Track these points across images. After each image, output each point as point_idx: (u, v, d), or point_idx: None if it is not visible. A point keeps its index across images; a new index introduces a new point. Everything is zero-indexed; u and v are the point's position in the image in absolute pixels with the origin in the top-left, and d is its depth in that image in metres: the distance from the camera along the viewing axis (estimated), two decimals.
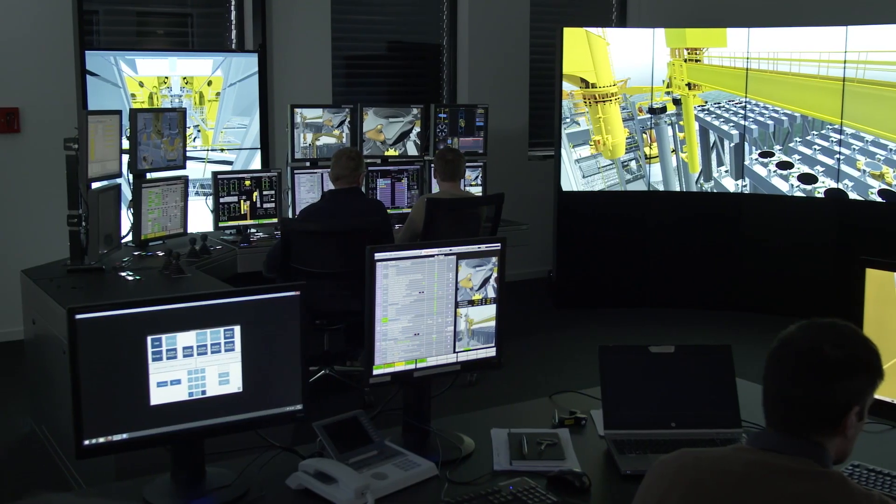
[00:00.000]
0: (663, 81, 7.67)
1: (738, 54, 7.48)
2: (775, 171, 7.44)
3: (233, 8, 7.49)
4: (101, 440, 2.27)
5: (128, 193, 5.84)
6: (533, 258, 8.33)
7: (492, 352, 2.77)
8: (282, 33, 7.51)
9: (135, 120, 5.70)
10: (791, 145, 7.37)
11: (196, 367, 2.35)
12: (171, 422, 2.34)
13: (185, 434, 2.37)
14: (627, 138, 7.73)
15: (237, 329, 2.39)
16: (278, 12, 7.48)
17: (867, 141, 7.01)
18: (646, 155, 7.75)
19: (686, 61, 7.62)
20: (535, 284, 8.33)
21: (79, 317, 2.22)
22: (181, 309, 2.33)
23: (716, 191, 7.67)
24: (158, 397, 2.31)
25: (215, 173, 6.32)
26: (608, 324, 7.33)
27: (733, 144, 7.57)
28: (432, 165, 7.00)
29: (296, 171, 6.62)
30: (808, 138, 7.29)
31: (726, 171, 7.63)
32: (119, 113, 5.60)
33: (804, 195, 7.33)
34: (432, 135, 7.28)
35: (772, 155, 7.46)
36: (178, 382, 2.34)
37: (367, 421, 2.60)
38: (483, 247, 2.68)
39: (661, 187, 7.76)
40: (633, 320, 7.41)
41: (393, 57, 8.46)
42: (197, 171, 6.91)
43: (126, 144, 5.73)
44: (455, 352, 2.70)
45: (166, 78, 6.90)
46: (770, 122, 7.44)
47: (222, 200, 6.25)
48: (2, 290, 6.19)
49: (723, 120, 7.59)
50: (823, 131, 7.22)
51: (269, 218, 6.41)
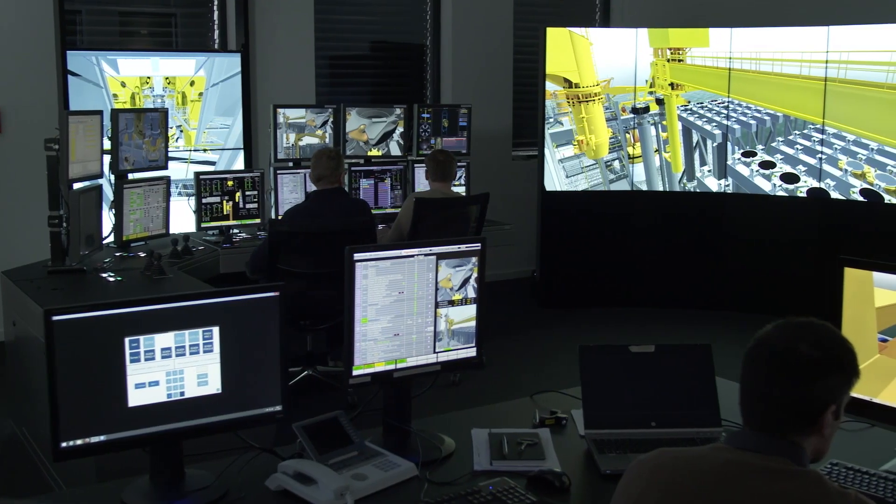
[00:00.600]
0: (646, 81, 7.69)
1: (720, 54, 7.51)
2: (758, 171, 7.46)
3: (215, 8, 7.47)
4: (79, 442, 2.26)
5: (109, 194, 5.82)
6: (517, 258, 8.33)
7: (472, 352, 2.76)
8: (265, 33, 7.49)
9: (116, 120, 5.68)
10: (773, 145, 7.40)
11: (174, 368, 2.34)
12: (149, 423, 2.33)
13: (164, 436, 2.36)
14: (611, 138, 7.74)
15: (216, 330, 2.38)
16: (261, 12, 7.46)
17: (849, 140, 7.04)
18: (629, 155, 7.77)
19: (669, 61, 7.64)
20: (518, 284, 8.34)
21: (56, 318, 2.20)
22: (159, 310, 2.32)
23: (699, 190, 7.69)
24: (136, 399, 2.30)
25: (197, 174, 6.30)
26: (592, 323, 7.35)
27: (716, 144, 7.60)
28: (418, 166, 7.02)
29: (278, 172, 6.61)
30: (791, 138, 7.31)
31: (709, 171, 7.65)
32: (100, 113, 5.58)
33: (786, 195, 7.35)
34: (415, 135, 7.28)
35: (754, 154, 7.48)
36: (157, 384, 2.33)
37: (347, 422, 2.59)
38: (463, 247, 2.68)
39: (645, 187, 7.78)
40: (616, 320, 7.42)
41: (376, 57, 8.45)
42: (179, 171, 6.88)
43: (108, 145, 5.71)
44: (435, 352, 2.69)
45: (148, 78, 6.87)
46: (752, 121, 7.46)
47: (205, 201, 6.23)
48: None
49: (706, 120, 7.61)
50: (805, 131, 7.25)
51: (252, 218, 6.39)
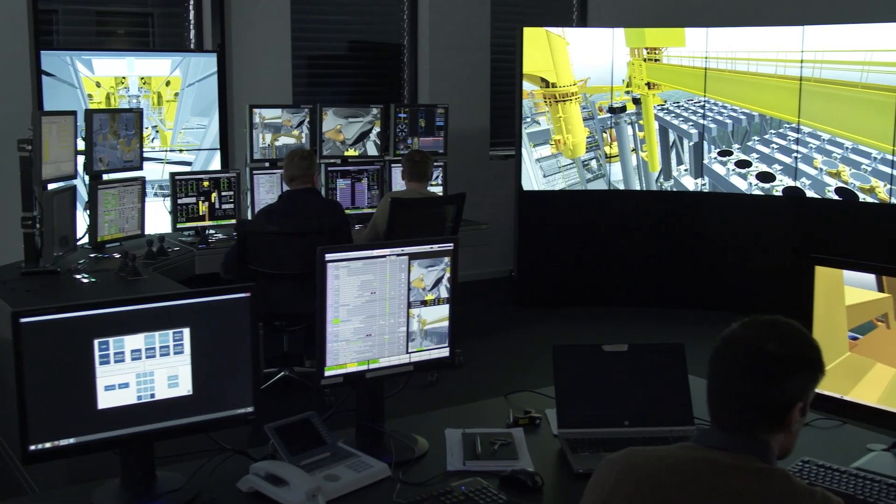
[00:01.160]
0: (623, 81, 7.71)
1: (696, 54, 7.53)
2: (734, 170, 7.50)
3: (191, 8, 7.44)
4: (48, 445, 2.24)
5: (84, 195, 5.78)
6: (494, 258, 8.35)
7: (445, 352, 2.76)
8: (241, 33, 7.46)
9: (90, 120, 5.65)
10: (749, 144, 7.43)
11: (145, 370, 2.33)
12: (119, 426, 2.31)
13: (134, 438, 2.34)
14: (588, 137, 7.76)
15: (186, 331, 2.37)
16: (237, 12, 7.43)
17: (824, 139, 7.08)
18: (606, 154, 7.79)
19: (645, 61, 7.66)
20: (496, 284, 8.35)
21: (24, 320, 2.18)
22: (129, 311, 2.30)
23: (675, 189, 7.72)
24: (106, 401, 2.28)
25: (173, 174, 6.27)
26: (570, 323, 7.36)
27: (692, 143, 7.62)
28: (395, 166, 7.01)
29: (255, 172, 6.59)
30: (766, 137, 7.35)
31: (686, 170, 7.68)
32: (74, 114, 5.55)
33: (762, 193, 7.39)
34: (392, 135, 7.27)
35: (730, 154, 7.52)
36: (127, 386, 2.31)
37: (320, 422, 2.59)
38: (435, 247, 2.68)
39: (622, 186, 7.79)
40: (594, 319, 7.44)
41: (354, 57, 8.43)
42: (155, 172, 6.85)
43: (82, 145, 5.67)
44: (408, 352, 2.69)
45: (123, 78, 6.83)
46: (728, 121, 7.49)
47: (180, 201, 6.21)
48: None
49: (682, 119, 7.64)
50: (781, 130, 7.28)
51: (228, 219, 6.37)
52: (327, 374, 2.57)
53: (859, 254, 5.83)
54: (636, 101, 7.72)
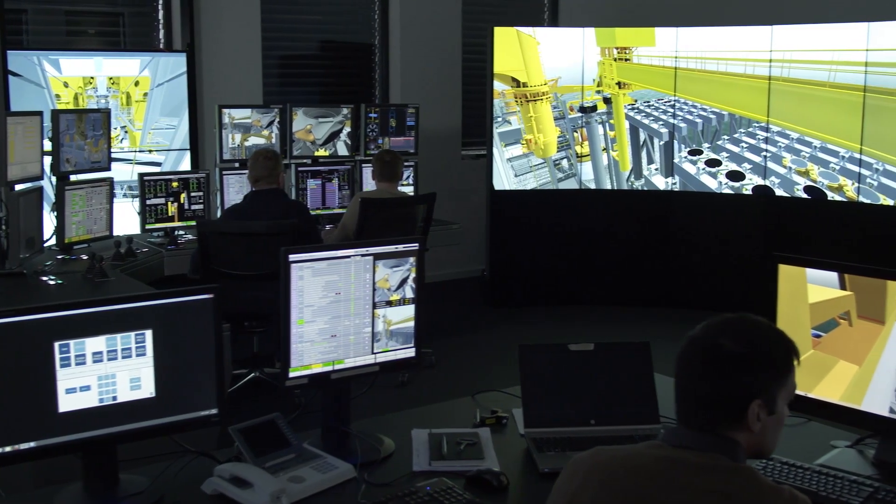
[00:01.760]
0: (594, 80, 7.73)
1: (666, 53, 7.57)
2: (704, 169, 7.54)
3: (160, 7, 7.39)
4: (8, 449, 2.21)
5: (52, 195, 5.73)
6: (466, 257, 8.36)
7: (411, 352, 2.75)
8: (211, 33, 7.42)
9: (56, 121, 5.60)
10: (719, 143, 7.47)
11: (106, 372, 2.31)
12: (81, 429, 2.29)
13: (96, 441, 2.32)
14: (559, 137, 7.77)
15: (149, 333, 2.35)
16: (207, 12, 7.39)
17: (793, 138, 7.13)
18: (577, 153, 7.80)
19: (616, 60, 7.69)
20: (468, 284, 8.36)
21: None
22: (89, 314, 2.28)
23: (646, 188, 7.75)
24: (67, 404, 2.26)
25: (141, 174, 6.23)
26: (541, 322, 7.37)
27: (663, 142, 7.66)
28: (365, 166, 6.99)
29: (224, 172, 6.55)
30: (736, 136, 7.39)
31: (656, 169, 7.71)
32: (40, 114, 5.50)
33: (732, 192, 7.43)
34: (363, 135, 7.26)
35: (700, 153, 7.55)
36: (88, 388, 2.29)
37: (285, 424, 2.57)
38: (400, 247, 2.67)
39: (593, 185, 7.82)
40: (566, 318, 7.45)
41: (325, 57, 8.40)
42: (124, 172, 6.79)
43: (49, 146, 5.62)
44: (373, 353, 2.68)
45: (91, 78, 6.77)
46: (699, 120, 7.53)
47: (149, 202, 6.17)
48: None
49: (652, 118, 7.67)
50: (750, 129, 7.33)
51: (198, 220, 6.32)
52: (292, 375, 2.55)
53: (828, 252, 5.88)
54: (607, 101, 7.74)
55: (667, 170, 7.67)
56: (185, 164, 7.20)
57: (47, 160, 5.64)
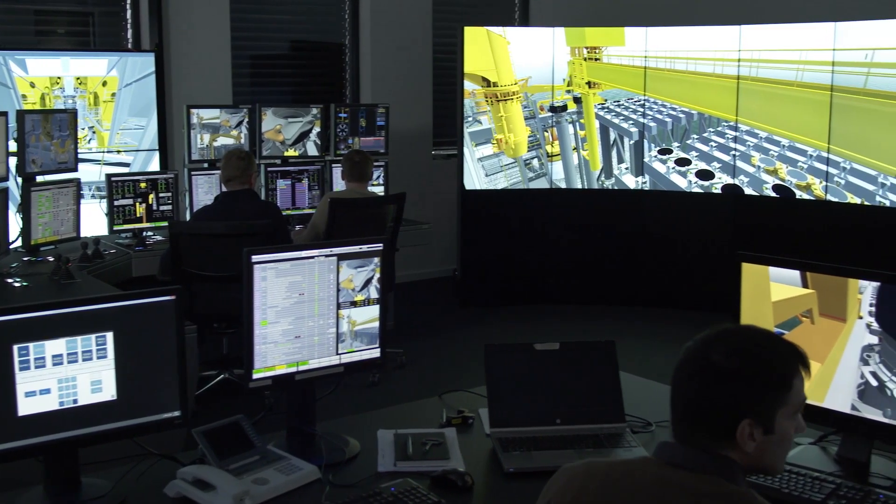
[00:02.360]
0: (564, 80, 7.75)
1: (636, 53, 7.60)
2: (674, 168, 7.57)
3: (128, 7, 7.34)
4: None
5: (18, 196, 5.68)
6: (438, 257, 8.35)
7: (376, 353, 2.74)
8: (179, 32, 7.38)
9: (22, 121, 5.55)
10: (689, 142, 7.51)
11: (67, 375, 2.28)
12: (41, 432, 2.27)
13: (57, 445, 2.30)
14: (529, 136, 7.78)
15: (109, 336, 2.33)
16: (175, 11, 7.34)
17: (761, 137, 7.17)
18: (547, 153, 7.82)
19: (586, 60, 7.71)
20: (440, 283, 8.36)
21: None
22: (49, 316, 2.25)
23: (617, 188, 7.77)
24: (27, 408, 2.24)
25: (109, 175, 6.19)
26: (513, 322, 7.37)
27: (633, 142, 7.68)
28: (335, 166, 6.97)
29: (193, 173, 6.51)
30: (705, 135, 7.43)
31: (626, 169, 7.73)
32: (5, 115, 5.44)
33: (702, 191, 7.47)
34: (333, 135, 7.24)
35: (670, 152, 7.59)
36: (48, 392, 2.27)
37: (249, 426, 2.56)
38: (364, 247, 2.66)
39: (564, 185, 7.83)
40: (537, 318, 7.46)
41: (295, 56, 8.38)
42: (92, 173, 6.74)
43: (14, 147, 5.57)
44: (338, 353, 2.67)
45: (59, 78, 6.72)
46: (668, 119, 7.56)
47: (117, 203, 6.12)
48: None
49: (622, 118, 7.70)
50: (720, 128, 7.37)
51: (166, 221, 6.27)
52: (255, 376, 2.54)
53: (797, 250, 5.93)
54: (577, 100, 7.76)
55: (637, 169, 7.70)
56: (155, 165, 7.15)
57: (13, 161, 5.58)
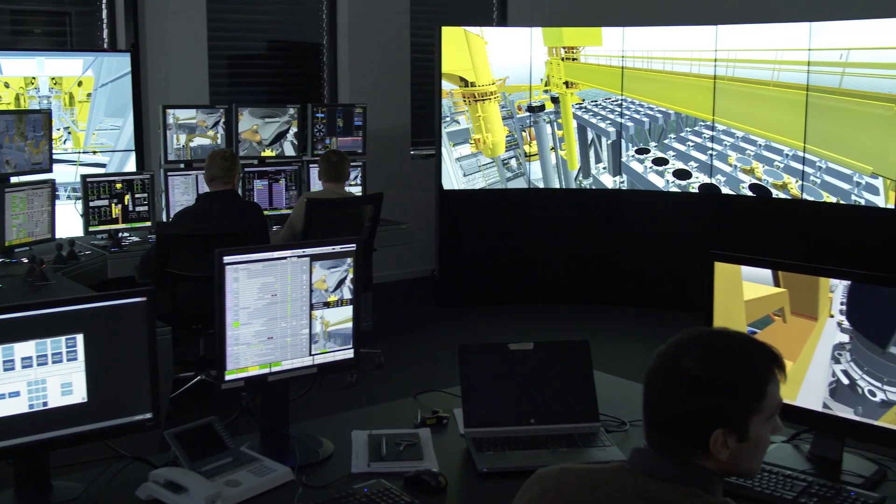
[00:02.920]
0: (541, 80, 7.75)
1: (613, 53, 7.61)
2: (651, 168, 7.59)
3: (104, 6, 7.29)
4: None
5: None
6: (416, 257, 8.35)
7: (350, 353, 2.74)
8: (155, 32, 7.34)
9: None
10: (666, 142, 7.53)
11: (36, 377, 2.26)
12: (10, 436, 2.25)
13: (27, 448, 2.28)
14: (507, 136, 7.79)
15: (80, 337, 2.31)
16: (151, 11, 7.30)
17: (738, 137, 7.20)
18: (525, 153, 7.82)
19: (563, 60, 7.72)
20: (418, 283, 8.35)
21: None
22: (17, 318, 2.23)
23: (594, 188, 7.79)
24: None
25: (84, 176, 6.15)
26: (491, 322, 7.37)
27: (610, 141, 7.70)
28: (313, 166, 6.95)
29: (169, 174, 6.48)
30: (682, 135, 7.46)
31: (604, 168, 7.75)
32: None
33: (679, 190, 7.49)
34: (310, 135, 7.22)
35: (648, 151, 7.61)
36: (18, 394, 2.25)
37: (222, 427, 2.55)
38: (337, 248, 2.65)
39: (542, 185, 7.84)
40: (515, 317, 7.46)
41: (273, 56, 8.35)
42: (68, 174, 6.69)
43: None
44: (311, 354, 2.66)
45: (33, 79, 6.67)
46: (645, 119, 7.58)
47: (92, 204, 6.08)
48: None
49: (600, 118, 7.71)
50: (696, 128, 7.39)
51: (143, 221, 6.26)
52: (228, 377, 2.53)
53: (773, 249, 5.95)
54: (554, 100, 7.77)
55: (614, 169, 7.71)
56: (131, 166, 7.10)
57: None
